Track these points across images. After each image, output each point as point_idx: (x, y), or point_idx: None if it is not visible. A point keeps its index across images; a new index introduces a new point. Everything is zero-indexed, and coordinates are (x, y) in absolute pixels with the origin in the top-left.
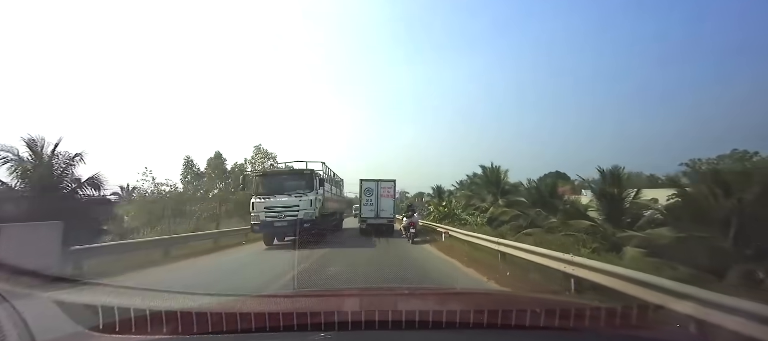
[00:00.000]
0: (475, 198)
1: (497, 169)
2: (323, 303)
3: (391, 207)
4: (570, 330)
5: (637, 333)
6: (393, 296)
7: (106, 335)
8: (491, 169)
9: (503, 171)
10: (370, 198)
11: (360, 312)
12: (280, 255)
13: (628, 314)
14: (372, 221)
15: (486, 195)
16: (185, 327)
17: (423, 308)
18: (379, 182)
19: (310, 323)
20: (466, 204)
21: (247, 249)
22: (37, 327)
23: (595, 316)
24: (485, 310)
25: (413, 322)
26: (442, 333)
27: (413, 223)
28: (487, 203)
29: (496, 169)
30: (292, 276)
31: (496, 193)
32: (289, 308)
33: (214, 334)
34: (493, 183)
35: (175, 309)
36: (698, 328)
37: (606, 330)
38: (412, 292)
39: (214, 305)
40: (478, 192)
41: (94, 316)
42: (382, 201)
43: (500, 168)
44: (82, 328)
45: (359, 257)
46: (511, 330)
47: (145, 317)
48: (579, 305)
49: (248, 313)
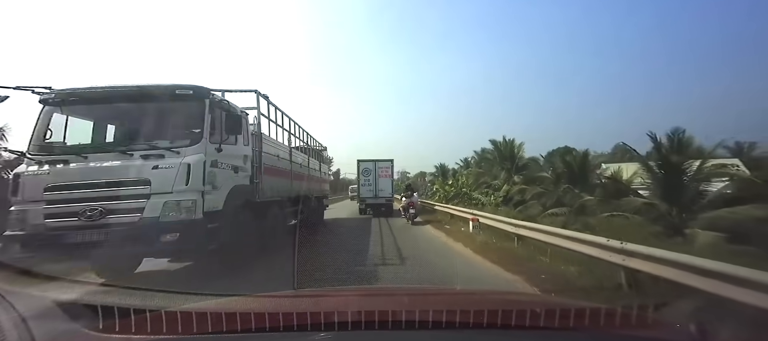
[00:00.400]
0: (486, 175)
1: (511, 142)
2: (323, 303)
3: (390, 186)
4: (570, 330)
5: (637, 333)
6: (393, 296)
7: (106, 335)
8: (504, 142)
9: (517, 144)
10: (368, 179)
11: (360, 312)
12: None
13: (628, 314)
14: (371, 201)
15: (498, 172)
16: (185, 327)
17: (423, 308)
18: (377, 162)
19: (310, 323)
20: (476, 182)
21: None
22: (37, 327)
23: (595, 316)
24: (485, 310)
25: (413, 322)
26: (442, 333)
27: (413, 203)
28: (501, 180)
29: (509, 143)
30: None
31: (510, 169)
32: (289, 308)
33: (214, 334)
34: (506, 158)
35: (175, 309)
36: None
37: (606, 330)
38: (412, 292)
39: (214, 305)
40: (489, 168)
41: (94, 316)
42: (381, 181)
43: (514, 141)
44: (82, 328)
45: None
46: (511, 330)
47: (145, 317)
48: (579, 305)
49: (248, 313)
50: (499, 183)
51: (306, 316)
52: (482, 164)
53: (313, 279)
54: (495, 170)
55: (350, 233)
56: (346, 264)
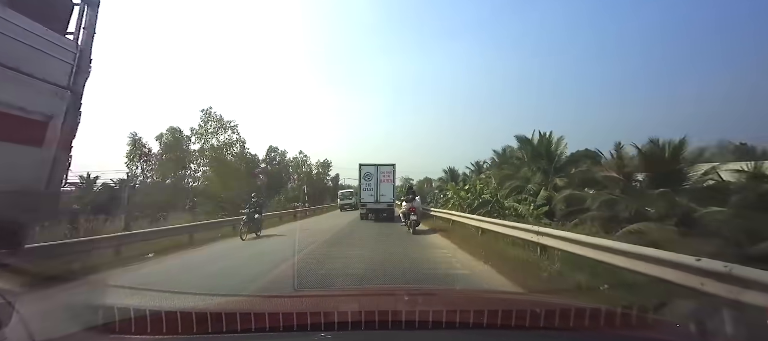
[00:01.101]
0: (514, 178)
1: (548, 136)
2: (323, 303)
3: (391, 191)
4: (570, 330)
5: (637, 333)
6: (393, 296)
7: (107, 335)
8: (539, 137)
9: (555, 139)
10: (369, 183)
11: (360, 312)
12: None
13: (628, 314)
14: (372, 206)
15: (532, 174)
16: (185, 327)
17: (423, 308)
18: (379, 167)
19: (310, 323)
20: (503, 186)
21: None
22: (37, 326)
23: (595, 316)
24: (485, 310)
25: (413, 322)
26: (442, 333)
27: (414, 209)
28: (535, 184)
29: (547, 137)
30: None
31: (547, 170)
32: (289, 308)
33: (214, 334)
34: (541, 156)
35: (175, 309)
36: None
37: (606, 331)
38: (412, 292)
39: (214, 305)
40: (515, 171)
41: (94, 316)
42: (382, 186)
43: (552, 134)
44: (82, 328)
45: None
46: (511, 330)
47: (145, 317)
48: (579, 305)
49: (248, 313)
50: (533, 187)
51: (306, 316)
52: (504, 166)
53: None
54: (523, 172)
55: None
56: None
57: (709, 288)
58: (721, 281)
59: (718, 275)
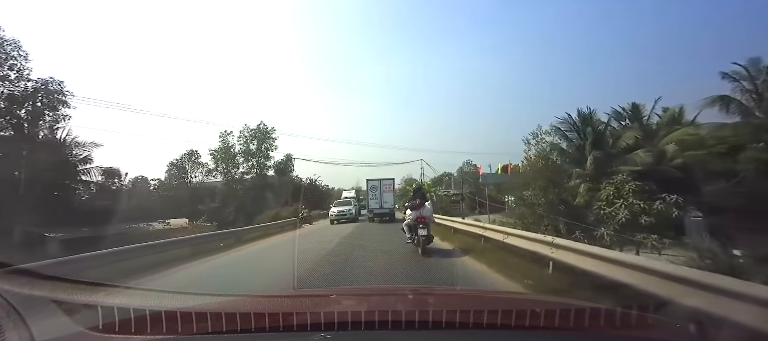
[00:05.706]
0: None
1: (637, 106)
2: (323, 303)
3: (391, 199)
4: (570, 330)
5: (637, 333)
6: (393, 296)
7: (106, 335)
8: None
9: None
10: (375, 193)
11: (360, 312)
12: None
13: (628, 314)
14: (377, 211)
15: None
16: (185, 327)
17: (423, 308)
18: (381, 180)
19: (310, 323)
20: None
21: None
22: (38, 327)
23: (595, 316)
24: (485, 310)
25: (413, 322)
26: (442, 333)
27: (423, 219)
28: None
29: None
30: None
31: None
32: (289, 308)
33: (214, 334)
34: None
35: (175, 309)
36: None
37: (606, 331)
38: (412, 292)
39: (214, 305)
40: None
41: (94, 316)
42: (384, 196)
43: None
44: (82, 328)
45: None
46: (511, 330)
47: (145, 317)
48: (579, 305)
49: (248, 313)
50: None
51: (306, 316)
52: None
53: None
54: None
55: None
56: None
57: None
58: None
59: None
